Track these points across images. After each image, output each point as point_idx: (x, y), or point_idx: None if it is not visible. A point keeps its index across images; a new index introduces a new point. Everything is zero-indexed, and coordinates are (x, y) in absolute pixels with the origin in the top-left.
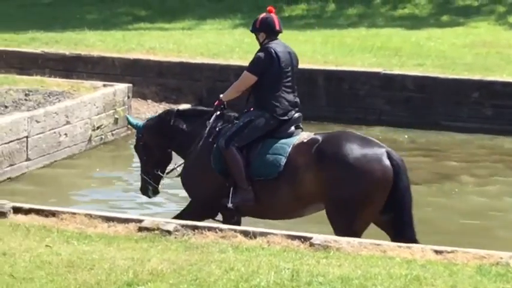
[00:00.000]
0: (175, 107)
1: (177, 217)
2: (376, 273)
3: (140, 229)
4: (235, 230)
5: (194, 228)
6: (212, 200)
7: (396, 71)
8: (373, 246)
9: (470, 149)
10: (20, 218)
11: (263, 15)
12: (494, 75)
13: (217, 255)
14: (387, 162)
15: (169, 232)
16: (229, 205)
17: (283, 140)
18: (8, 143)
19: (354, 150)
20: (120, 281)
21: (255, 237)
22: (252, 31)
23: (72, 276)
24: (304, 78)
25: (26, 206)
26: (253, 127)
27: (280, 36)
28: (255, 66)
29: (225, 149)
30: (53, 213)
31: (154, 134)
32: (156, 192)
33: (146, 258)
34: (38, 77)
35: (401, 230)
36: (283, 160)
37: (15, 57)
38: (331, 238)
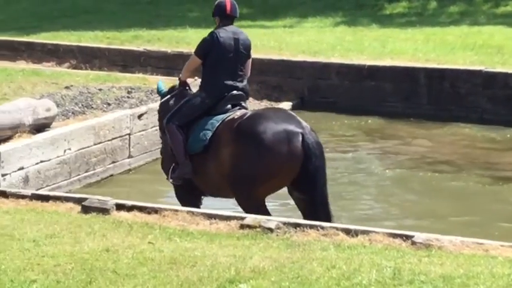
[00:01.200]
0: (276, 105)
1: None
2: (478, 272)
3: (242, 226)
4: (337, 228)
5: (296, 226)
6: None
7: (498, 69)
8: (475, 245)
9: None
10: (123, 214)
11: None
12: None
13: (318, 253)
14: (297, 142)
15: (271, 230)
16: (170, 180)
17: (216, 117)
18: (111, 140)
19: (268, 128)
20: (222, 278)
21: (357, 235)
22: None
23: (175, 273)
24: (406, 76)
25: (129, 202)
26: (190, 106)
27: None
28: (199, 48)
29: (166, 126)
30: (155, 210)
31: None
32: None
33: (248, 256)
34: (140, 75)
35: (315, 210)
36: (209, 134)
37: (117, 55)
38: (433, 237)
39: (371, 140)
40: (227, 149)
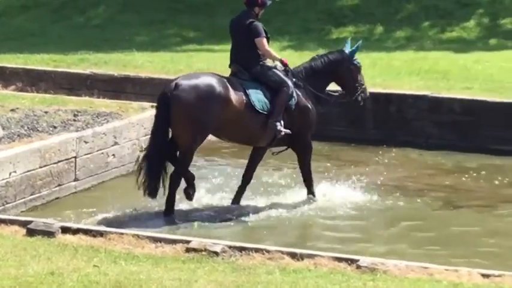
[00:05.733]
0: None
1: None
2: None
3: (188, 250)
4: (282, 252)
5: (241, 249)
6: None
7: (444, 94)
8: (420, 269)
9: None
10: (68, 237)
11: None
12: None
13: (264, 277)
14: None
15: (216, 253)
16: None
17: None
18: (57, 163)
19: None
20: None
21: (302, 259)
22: None
23: None
24: (352, 100)
25: (74, 226)
26: None
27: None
28: None
29: None
30: (100, 234)
31: None
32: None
33: (193, 279)
34: (87, 98)
35: None
36: None
37: (64, 77)
38: (378, 261)
39: (318, 164)
40: None
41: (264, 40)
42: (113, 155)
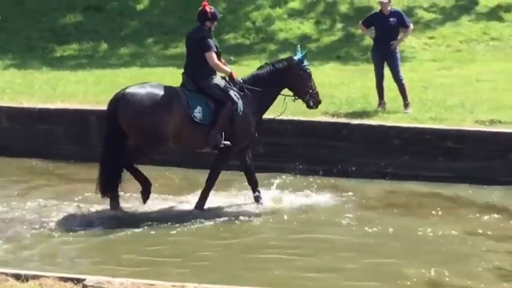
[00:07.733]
0: None
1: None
2: None
3: None
4: (6, 274)
5: None
6: None
7: None
8: (146, 286)
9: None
10: None
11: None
12: None
13: None
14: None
15: None
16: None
17: None
18: None
19: None
20: None
21: (27, 281)
22: None
23: None
24: (76, 118)
25: None
26: None
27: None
28: None
29: None
30: None
31: None
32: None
33: None
34: None
35: None
36: None
37: None
38: (104, 279)
39: (48, 183)
40: None
41: (213, 54)
42: None
